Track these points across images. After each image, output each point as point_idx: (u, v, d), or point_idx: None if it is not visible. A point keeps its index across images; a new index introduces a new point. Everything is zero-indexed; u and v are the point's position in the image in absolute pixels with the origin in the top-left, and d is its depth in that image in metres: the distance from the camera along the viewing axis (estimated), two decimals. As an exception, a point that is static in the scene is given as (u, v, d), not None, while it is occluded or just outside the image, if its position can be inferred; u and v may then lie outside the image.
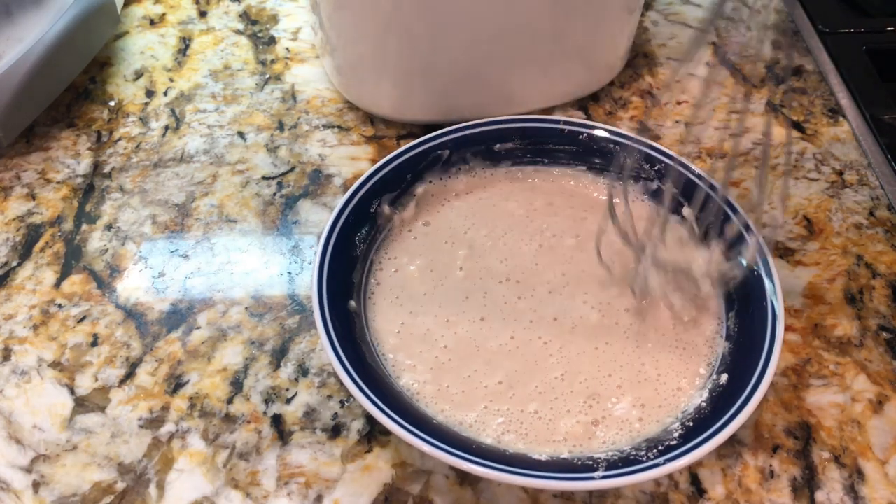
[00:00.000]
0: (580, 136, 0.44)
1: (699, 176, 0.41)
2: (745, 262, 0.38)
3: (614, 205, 0.39)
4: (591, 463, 0.33)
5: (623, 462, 0.32)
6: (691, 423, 0.34)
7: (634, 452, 0.33)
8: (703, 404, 0.35)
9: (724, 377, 0.35)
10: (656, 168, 0.42)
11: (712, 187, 0.40)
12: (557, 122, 0.44)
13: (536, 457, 0.34)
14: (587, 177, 0.44)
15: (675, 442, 0.33)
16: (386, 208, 0.42)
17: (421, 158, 0.43)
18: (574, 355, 0.37)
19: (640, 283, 0.38)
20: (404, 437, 0.32)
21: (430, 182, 0.43)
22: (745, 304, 0.38)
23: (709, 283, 0.38)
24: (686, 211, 0.41)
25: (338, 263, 0.38)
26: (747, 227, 0.39)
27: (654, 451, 0.33)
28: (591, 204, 0.44)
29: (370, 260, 0.41)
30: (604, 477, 0.31)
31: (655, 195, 0.43)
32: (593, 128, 0.44)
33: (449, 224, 0.43)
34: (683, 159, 0.42)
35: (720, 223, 0.39)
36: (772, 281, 0.37)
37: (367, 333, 0.38)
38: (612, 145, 0.43)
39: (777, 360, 0.34)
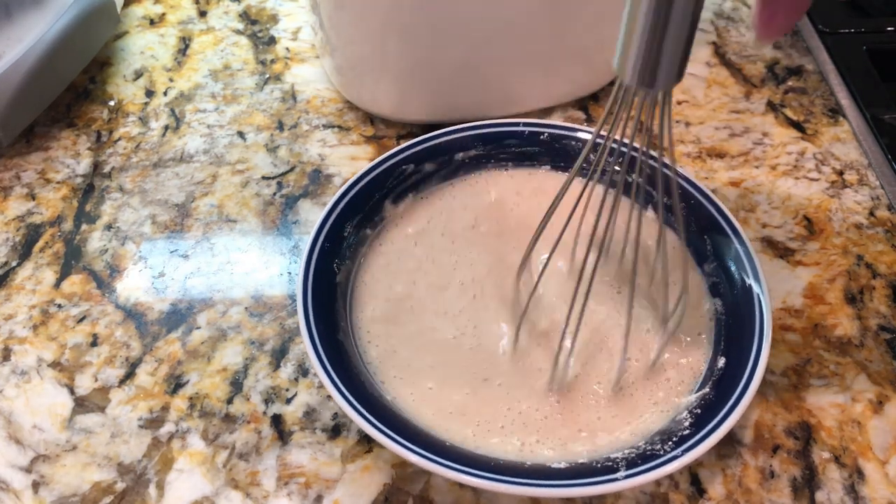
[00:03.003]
0: (541, 136, 0.44)
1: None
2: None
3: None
4: (610, 464, 0.32)
5: (642, 458, 0.32)
6: (699, 411, 0.34)
7: (650, 447, 0.33)
8: (706, 391, 0.35)
9: (722, 361, 0.36)
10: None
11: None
12: (517, 124, 0.44)
13: (556, 465, 0.33)
14: (557, 176, 0.45)
15: (687, 431, 0.33)
16: (359, 230, 0.41)
17: (387, 175, 0.42)
18: (572, 358, 0.37)
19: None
20: (437, 470, 0.31)
21: (399, 198, 0.43)
22: (728, 286, 0.38)
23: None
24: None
25: (320, 295, 0.37)
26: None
27: (670, 443, 0.33)
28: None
29: (351, 284, 0.40)
30: (627, 476, 0.31)
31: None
32: (553, 127, 0.44)
33: (424, 237, 0.42)
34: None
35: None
36: (750, 258, 0.37)
37: (360, 362, 0.37)
38: (574, 143, 0.44)
39: (770, 332, 0.35)
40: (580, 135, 0.44)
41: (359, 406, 0.33)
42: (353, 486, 0.35)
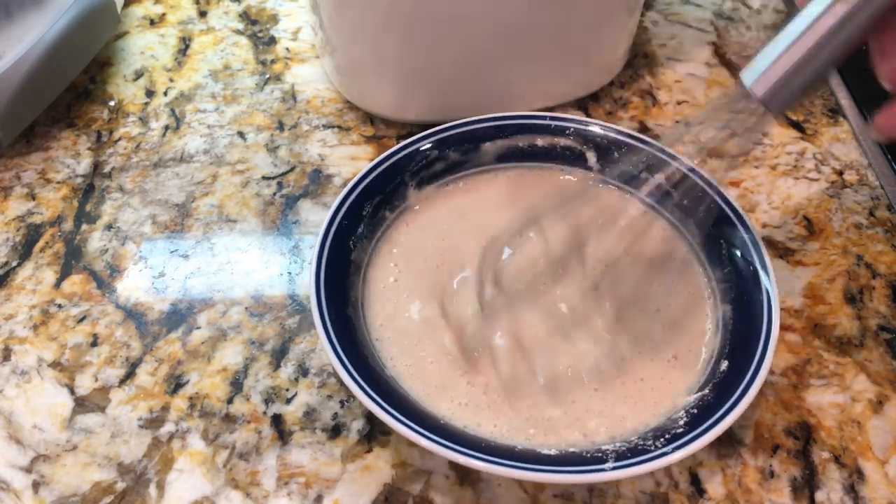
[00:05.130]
0: (567, 132, 0.44)
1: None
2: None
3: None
4: (600, 455, 0.33)
5: (632, 452, 0.32)
6: (696, 412, 0.34)
7: (642, 443, 0.33)
8: (706, 392, 0.35)
9: (724, 364, 0.36)
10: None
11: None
12: (544, 117, 0.45)
13: (546, 452, 0.34)
14: (577, 172, 0.45)
15: (681, 430, 0.33)
16: (378, 211, 0.42)
17: (410, 159, 0.43)
18: (574, 349, 0.37)
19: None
20: (421, 443, 0.32)
21: (420, 184, 0.43)
22: (738, 291, 0.38)
23: None
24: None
25: (334, 268, 0.38)
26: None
27: (662, 440, 0.33)
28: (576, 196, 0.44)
29: (366, 262, 0.41)
30: (615, 468, 0.31)
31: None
32: (580, 123, 0.44)
33: (441, 222, 0.43)
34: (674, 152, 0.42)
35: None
36: (764, 266, 0.37)
37: (367, 337, 0.38)
38: (601, 140, 0.44)
39: (775, 343, 0.35)
40: (597, 129, 0.44)
41: (359, 378, 0.33)
42: (353, 486, 0.35)
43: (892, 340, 0.40)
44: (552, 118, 0.45)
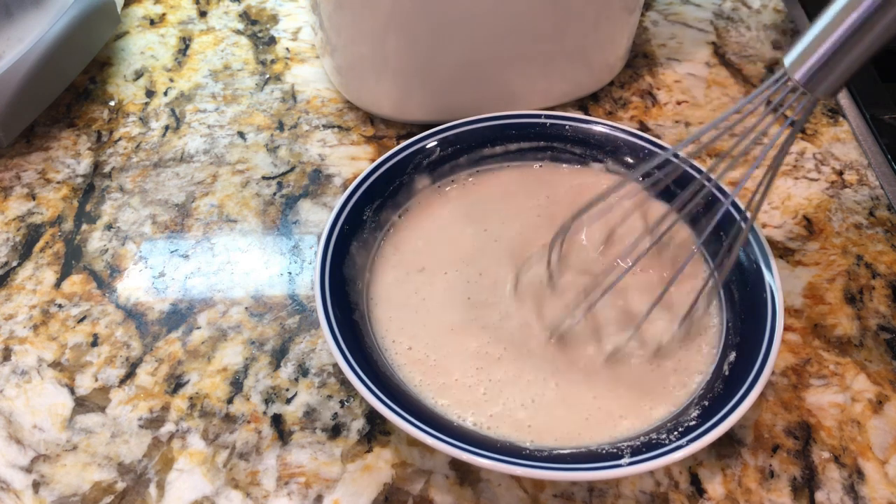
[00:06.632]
0: (564, 129, 0.45)
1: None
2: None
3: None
4: (615, 451, 0.33)
5: (647, 447, 0.32)
6: (707, 403, 0.34)
7: (656, 436, 0.33)
8: (716, 384, 0.35)
9: (733, 355, 0.36)
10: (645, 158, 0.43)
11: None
12: (538, 116, 0.45)
13: (560, 450, 0.34)
14: (582, 168, 0.45)
15: (694, 423, 0.33)
16: (379, 214, 0.42)
17: (409, 160, 0.43)
18: (581, 345, 0.38)
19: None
20: (438, 447, 0.32)
21: (423, 183, 0.44)
22: (741, 282, 0.38)
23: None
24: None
25: (337, 275, 0.38)
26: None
27: (675, 433, 0.33)
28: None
29: (369, 267, 0.41)
30: (631, 463, 0.31)
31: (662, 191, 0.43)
32: (575, 120, 0.45)
33: (443, 223, 0.43)
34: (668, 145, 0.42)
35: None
36: (766, 258, 0.38)
37: (374, 342, 0.38)
38: (599, 138, 0.44)
39: (781, 331, 0.35)
40: (600, 128, 0.44)
41: (371, 384, 0.33)
42: (353, 485, 0.35)
43: (892, 340, 0.40)
44: (547, 116, 0.45)
